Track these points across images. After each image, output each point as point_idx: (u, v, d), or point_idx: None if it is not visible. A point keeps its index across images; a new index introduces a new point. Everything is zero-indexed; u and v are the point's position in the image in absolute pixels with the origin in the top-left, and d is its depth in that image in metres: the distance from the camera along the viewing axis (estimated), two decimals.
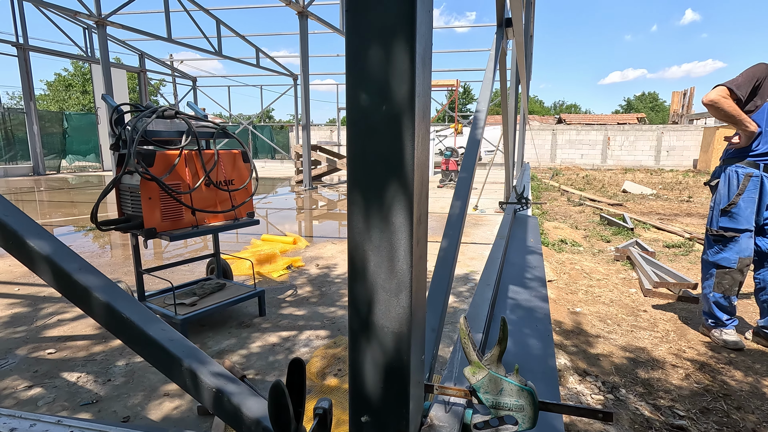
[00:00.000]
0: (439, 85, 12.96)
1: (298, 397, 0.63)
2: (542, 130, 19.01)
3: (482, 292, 1.54)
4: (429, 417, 0.84)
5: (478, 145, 1.76)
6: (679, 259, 4.52)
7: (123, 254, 3.89)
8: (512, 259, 2.18)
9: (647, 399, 2.05)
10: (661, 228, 5.96)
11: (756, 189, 2.44)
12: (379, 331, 0.71)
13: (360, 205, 0.69)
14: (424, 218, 0.74)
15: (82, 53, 11.99)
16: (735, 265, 2.50)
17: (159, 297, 2.13)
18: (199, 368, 0.85)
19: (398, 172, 0.67)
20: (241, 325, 2.23)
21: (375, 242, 0.69)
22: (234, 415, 0.84)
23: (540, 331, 1.37)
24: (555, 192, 10.27)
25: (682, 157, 17.45)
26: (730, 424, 1.87)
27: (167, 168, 1.80)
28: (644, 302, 3.31)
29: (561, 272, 3.96)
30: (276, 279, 3.02)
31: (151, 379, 1.72)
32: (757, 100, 2.41)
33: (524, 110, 7.98)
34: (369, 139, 0.67)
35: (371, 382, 0.73)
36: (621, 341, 2.64)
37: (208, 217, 2.03)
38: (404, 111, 0.65)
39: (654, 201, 8.82)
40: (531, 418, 0.78)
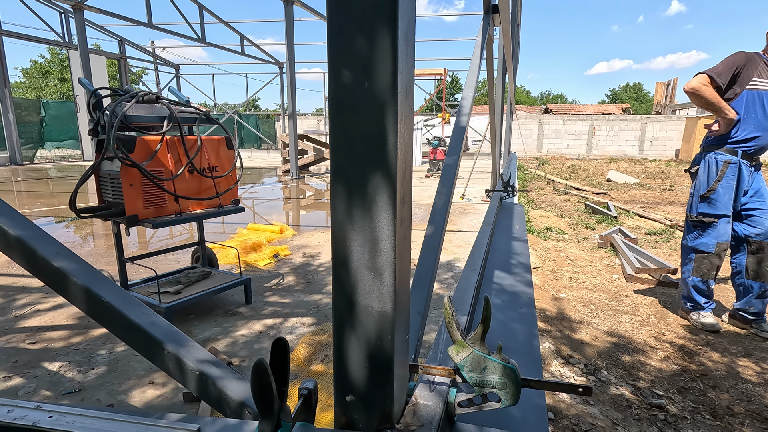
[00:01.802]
0: (426, 74, 12.90)
1: (281, 377, 0.63)
2: (529, 120, 19.13)
3: (468, 277, 1.55)
4: (414, 396, 0.85)
5: (463, 131, 1.76)
6: (660, 246, 4.62)
7: (106, 244, 3.81)
8: (498, 246, 2.20)
9: (628, 380, 2.11)
10: (643, 216, 6.08)
11: (734, 175, 2.50)
12: (363, 311, 0.71)
13: (343, 183, 0.68)
14: (408, 198, 0.74)
15: (59, 39, 11.60)
16: (713, 249, 2.56)
17: (143, 286, 2.10)
18: (182, 352, 0.84)
19: (381, 150, 0.66)
20: (227, 313, 2.22)
21: (358, 222, 0.68)
22: (218, 398, 0.84)
23: (524, 314, 1.39)
24: (541, 181, 10.38)
25: (665, 147, 17.76)
26: (706, 402, 1.94)
27: (148, 154, 1.76)
28: (626, 287, 3.38)
29: (546, 259, 4.02)
30: (262, 267, 3.00)
31: (136, 367, 1.71)
32: (736, 88, 2.46)
33: (511, 100, 8.00)
34: (352, 117, 0.66)
35: (356, 361, 0.73)
36: (603, 325, 2.70)
37: (191, 205, 1.99)
38: (387, 88, 0.64)
39: (637, 190, 8.98)
40: (513, 395, 0.79)
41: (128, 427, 0.74)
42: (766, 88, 2.43)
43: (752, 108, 2.43)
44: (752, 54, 2.47)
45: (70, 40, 11.56)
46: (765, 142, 2.48)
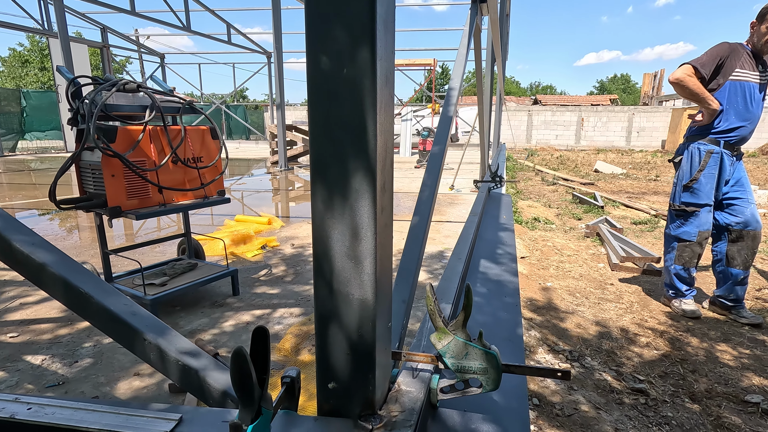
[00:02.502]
0: (416, 65, 12.82)
1: (262, 365, 0.63)
2: (518, 111, 19.18)
3: (453, 266, 1.56)
4: (397, 383, 0.86)
5: (450, 121, 1.76)
6: (645, 235, 4.70)
7: (90, 236, 3.76)
8: (485, 235, 2.21)
9: (611, 366, 2.15)
10: (629, 206, 6.17)
11: (716, 165, 2.54)
12: (344, 299, 0.71)
13: (322, 171, 0.68)
14: (389, 186, 0.74)
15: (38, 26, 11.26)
16: (695, 238, 2.62)
17: (127, 278, 2.08)
18: (164, 342, 0.83)
19: (361, 137, 0.66)
20: (214, 305, 2.21)
21: (338, 209, 0.68)
22: (200, 387, 0.84)
23: (508, 302, 1.40)
24: (530, 172, 10.45)
25: (652, 138, 17.97)
26: (686, 386, 1.99)
27: (130, 144, 1.73)
28: (611, 276, 3.44)
29: (534, 249, 4.07)
30: (250, 259, 2.98)
31: (121, 359, 1.69)
32: (719, 79, 2.49)
33: (500, 90, 8.00)
34: (331, 103, 0.66)
35: (338, 349, 0.74)
36: (588, 313, 2.75)
37: (176, 196, 1.97)
38: (365, 74, 0.63)
39: (624, 180, 9.09)
40: (494, 380, 0.80)
41: (109, 417, 0.74)
42: (748, 79, 2.46)
43: (734, 99, 2.47)
44: (735, 45, 2.50)
45: (49, 28, 11.23)
46: (746, 133, 2.52)
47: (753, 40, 2.46)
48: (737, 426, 1.71)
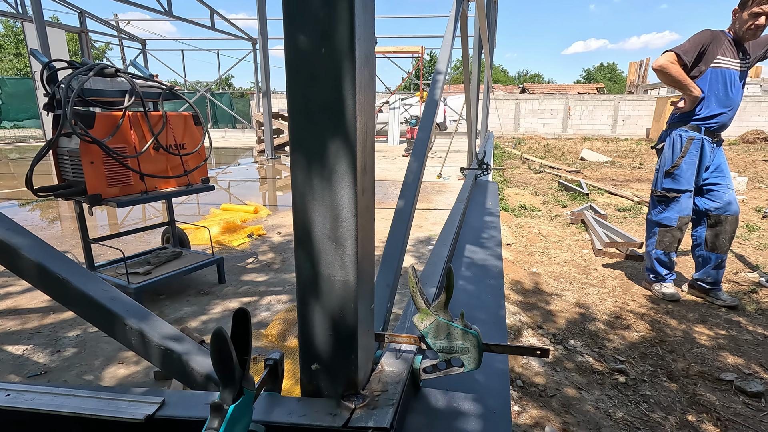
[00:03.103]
0: (403, 52, 12.71)
1: (243, 347, 0.63)
2: (506, 100, 19.20)
3: (439, 251, 1.57)
4: (380, 364, 0.87)
5: (435, 107, 1.75)
6: (628, 222, 4.78)
7: (72, 226, 3.69)
8: (470, 222, 2.23)
9: (593, 348, 2.21)
10: (613, 193, 6.26)
11: (697, 151, 2.59)
12: (326, 281, 0.71)
13: (302, 153, 0.68)
14: (370, 168, 0.73)
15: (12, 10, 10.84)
16: (675, 223, 2.67)
17: (110, 267, 2.05)
18: (145, 327, 0.83)
19: (340, 119, 0.65)
20: (200, 293, 2.19)
21: (318, 191, 0.68)
22: (183, 371, 0.84)
23: (492, 285, 1.42)
24: (517, 160, 10.51)
25: (637, 126, 18.18)
26: (664, 366, 2.05)
27: (109, 130, 1.69)
28: (595, 261, 3.50)
29: (520, 236, 4.11)
30: (237, 247, 2.96)
31: (105, 348, 1.68)
32: (701, 66, 2.52)
33: (488, 78, 7.99)
34: (309, 84, 0.65)
35: (320, 330, 0.74)
36: (572, 298, 2.80)
37: (159, 183, 1.94)
38: (344, 55, 0.63)
39: (609, 168, 9.21)
40: (476, 359, 0.82)
41: (90, 402, 0.74)
42: (729, 67, 2.50)
43: (715, 86, 2.51)
44: (717, 32, 2.52)
45: (24, 12, 10.82)
46: (726, 120, 2.57)
47: (735, 28, 2.49)
48: (711, 403, 1.78)
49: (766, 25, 2.38)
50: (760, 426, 1.65)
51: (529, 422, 1.59)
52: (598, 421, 1.66)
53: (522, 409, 1.68)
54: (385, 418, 0.70)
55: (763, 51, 2.56)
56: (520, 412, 1.65)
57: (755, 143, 14.56)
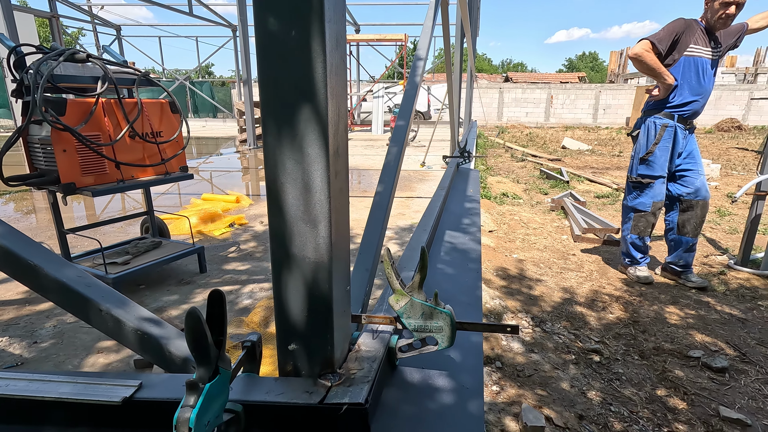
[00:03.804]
0: (386, 40, 12.60)
1: (218, 328, 0.64)
2: (490, 89, 19.27)
3: (418, 237, 1.60)
4: (357, 344, 0.89)
5: (414, 93, 1.76)
6: (606, 208, 4.90)
7: (48, 218, 3.60)
8: (451, 208, 2.26)
9: (569, 329, 2.28)
10: (593, 180, 6.39)
11: (670, 138, 2.66)
12: (300, 262, 0.72)
13: (274, 135, 0.68)
14: (343, 151, 0.74)
15: None
16: (650, 208, 2.75)
17: (87, 258, 2.02)
18: (121, 312, 0.83)
19: (312, 102, 0.66)
20: (181, 283, 2.18)
21: (291, 174, 0.69)
22: (161, 355, 0.84)
23: (471, 268, 1.45)
24: (500, 149, 10.61)
25: (617, 115, 18.48)
26: (636, 345, 2.13)
27: (82, 117, 1.65)
28: (574, 247, 3.59)
29: (501, 223, 4.18)
30: (218, 237, 2.94)
31: (83, 338, 1.66)
32: (675, 54, 2.57)
33: (471, 67, 8.00)
34: (280, 66, 0.65)
35: (296, 311, 0.75)
36: (551, 282, 2.87)
37: (135, 172, 1.90)
38: (314, 37, 0.63)
39: (589, 156, 9.37)
40: (449, 338, 0.84)
41: (66, 386, 0.74)
42: (701, 55, 2.56)
43: (688, 74, 2.57)
44: (691, 21, 2.58)
45: None
46: (699, 107, 2.64)
47: (707, 17, 2.55)
48: (679, 378, 1.86)
49: (736, 14, 2.44)
50: (723, 399, 1.74)
51: (506, 400, 1.64)
52: (573, 398, 1.72)
53: (501, 388, 1.74)
54: (360, 394, 0.72)
55: (734, 40, 2.63)
56: (499, 392, 1.71)
57: (729, 131, 14.98)
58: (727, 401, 1.73)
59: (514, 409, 1.59)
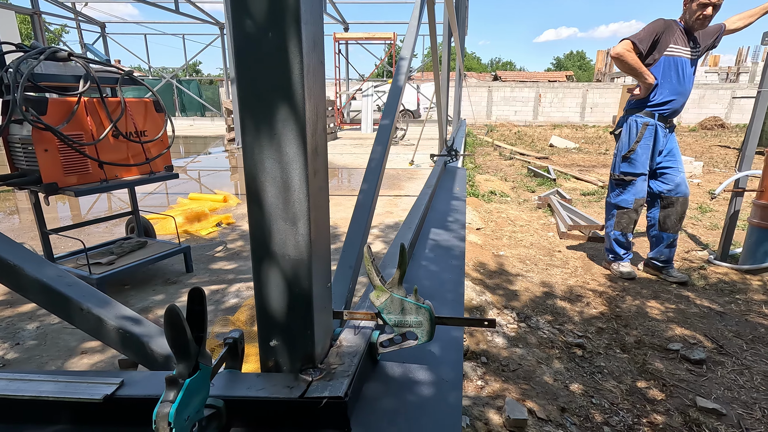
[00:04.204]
0: (376, 39, 12.60)
1: (198, 324, 0.65)
2: (479, 87, 19.37)
3: (403, 235, 1.62)
4: (339, 340, 0.90)
5: (399, 92, 1.78)
6: (592, 205, 4.97)
7: (31, 218, 3.54)
8: (437, 206, 2.28)
9: (554, 324, 2.32)
10: (579, 178, 6.47)
11: (651, 137, 2.72)
12: (280, 259, 0.74)
13: (252, 135, 0.69)
14: (322, 150, 0.76)
15: None
16: (632, 205, 2.81)
17: (71, 259, 2.00)
18: (102, 311, 0.83)
19: (289, 102, 0.67)
20: (167, 282, 2.17)
21: (270, 173, 0.70)
22: (143, 353, 0.85)
23: (454, 265, 1.48)
24: (489, 147, 10.68)
25: (604, 114, 18.72)
26: (618, 338, 2.18)
27: (64, 116, 1.63)
28: (559, 244, 3.65)
29: (489, 220, 4.22)
30: (205, 236, 2.93)
31: (67, 339, 1.65)
32: (655, 54, 2.63)
33: (459, 65, 8.04)
34: (256, 67, 0.66)
35: (277, 308, 0.77)
36: (537, 278, 2.92)
37: (119, 171, 1.89)
38: (291, 38, 0.64)
39: (576, 154, 9.49)
40: (429, 332, 0.86)
41: (47, 385, 0.74)
42: (681, 55, 2.62)
43: (668, 73, 2.63)
44: (670, 21, 2.64)
45: None
46: (678, 106, 2.70)
47: (685, 17, 2.60)
48: (659, 370, 1.91)
49: (713, 15, 2.50)
50: (701, 389, 1.79)
51: (491, 394, 1.67)
52: (556, 391, 1.76)
53: (485, 383, 1.77)
54: (340, 388, 0.73)
55: (712, 40, 2.70)
56: (483, 386, 1.73)
57: (713, 129, 15.27)
58: (703, 392, 1.78)
59: (498, 403, 1.62)
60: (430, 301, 0.88)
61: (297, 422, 0.73)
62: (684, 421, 1.62)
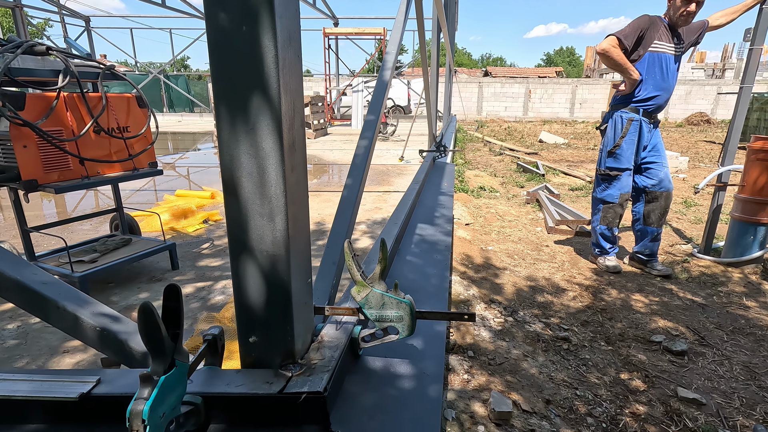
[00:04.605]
0: (365, 34, 12.53)
1: (174, 321, 0.64)
2: (469, 83, 19.40)
3: (389, 230, 1.62)
4: (320, 335, 0.90)
5: (385, 87, 1.78)
6: (580, 200, 5.02)
7: (13, 215, 3.48)
8: (425, 202, 2.29)
9: (540, 318, 2.34)
10: (568, 173, 6.53)
11: (636, 132, 2.74)
12: (258, 255, 0.73)
13: (228, 131, 0.69)
14: (299, 146, 0.75)
15: None
16: (617, 200, 2.84)
17: (53, 257, 1.97)
18: (79, 309, 0.82)
19: (264, 97, 0.67)
20: (152, 280, 2.15)
21: (246, 168, 0.70)
22: (122, 350, 0.84)
23: (438, 260, 1.49)
24: (479, 143, 10.72)
25: (593, 109, 18.89)
26: (603, 331, 2.21)
27: (43, 112, 1.60)
28: (547, 239, 3.68)
29: (478, 216, 4.24)
30: (191, 233, 2.90)
31: (49, 338, 1.63)
32: (640, 50, 2.65)
33: (449, 61, 8.04)
34: (232, 62, 0.66)
35: (256, 303, 0.77)
36: (524, 273, 2.94)
37: (102, 168, 1.86)
38: (266, 33, 0.64)
39: (565, 149, 9.57)
40: (410, 326, 0.87)
41: (21, 385, 0.73)
42: (665, 51, 2.64)
43: (652, 69, 2.65)
44: (655, 17, 2.66)
45: None
46: (662, 101, 2.73)
47: (669, 14, 2.63)
48: (642, 362, 1.94)
49: (697, 11, 2.53)
50: (682, 380, 1.83)
51: (476, 387, 1.68)
52: (541, 384, 1.78)
53: (471, 376, 1.78)
54: (319, 383, 0.74)
55: (695, 36, 2.73)
56: (469, 380, 1.75)
57: (699, 125, 15.49)
58: (685, 382, 1.81)
59: (484, 396, 1.64)
60: (411, 296, 0.88)
61: (277, 418, 0.73)
62: (665, 410, 1.65)
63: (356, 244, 2.87)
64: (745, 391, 1.77)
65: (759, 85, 17.10)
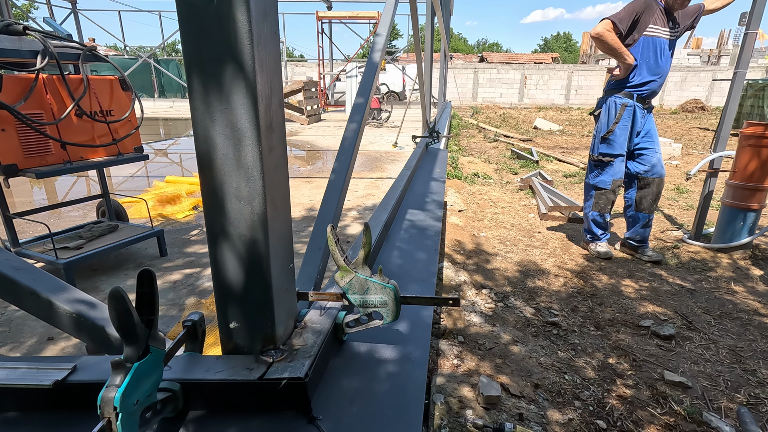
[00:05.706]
0: (359, 18, 12.32)
1: (149, 307, 0.63)
2: (465, 69, 19.21)
3: (378, 216, 1.60)
4: (304, 321, 0.89)
5: (375, 68, 1.74)
6: (573, 187, 5.02)
7: None
8: (415, 188, 2.27)
9: (530, 303, 2.35)
10: (562, 160, 6.52)
11: (629, 118, 2.73)
12: (236, 239, 0.71)
13: (201, 111, 0.66)
14: (278, 126, 0.73)
15: None
16: (609, 186, 2.84)
17: (37, 243, 1.94)
18: (54, 295, 0.80)
19: (238, 75, 0.64)
20: (140, 267, 2.12)
21: (222, 149, 0.67)
22: (99, 337, 0.83)
23: (428, 245, 1.47)
24: (474, 129, 10.66)
25: (588, 96, 18.81)
26: (593, 316, 2.23)
27: (21, 94, 1.55)
28: (540, 225, 3.68)
29: (471, 202, 4.23)
30: (180, 220, 2.87)
31: (33, 326, 1.61)
32: (634, 34, 2.62)
33: (444, 47, 7.93)
34: (203, 39, 0.63)
35: (235, 289, 0.75)
36: (516, 259, 2.95)
37: (85, 152, 1.82)
38: (238, 8, 0.61)
39: (560, 136, 9.54)
40: (394, 312, 0.86)
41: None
42: (659, 35, 2.61)
43: (647, 54, 2.62)
44: (650, 1, 2.62)
45: None
46: (656, 87, 2.70)
47: None
48: (630, 346, 1.96)
49: None
50: (668, 363, 1.85)
51: (465, 372, 1.69)
52: (530, 368, 1.79)
53: (461, 361, 1.79)
54: (300, 369, 0.73)
55: (691, 20, 2.70)
56: (459, 365, 1.76)
57: (693, 112, 15.50)
58: (671, 366, 1.83)
59: (473, 380, 1.65)
60: (398, 282, 0.87)
61: (257, 404, 0.72)
62: (651, 394, 1.67)
63: (347, 231, 2.85)
64: (730, 374, 1.79)
65: (753, 71, 17.09)
